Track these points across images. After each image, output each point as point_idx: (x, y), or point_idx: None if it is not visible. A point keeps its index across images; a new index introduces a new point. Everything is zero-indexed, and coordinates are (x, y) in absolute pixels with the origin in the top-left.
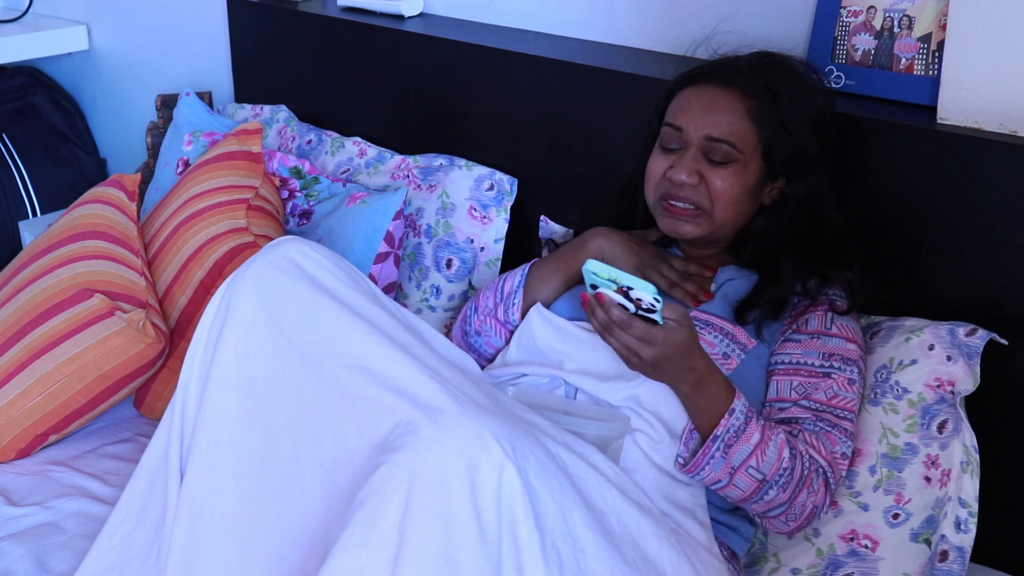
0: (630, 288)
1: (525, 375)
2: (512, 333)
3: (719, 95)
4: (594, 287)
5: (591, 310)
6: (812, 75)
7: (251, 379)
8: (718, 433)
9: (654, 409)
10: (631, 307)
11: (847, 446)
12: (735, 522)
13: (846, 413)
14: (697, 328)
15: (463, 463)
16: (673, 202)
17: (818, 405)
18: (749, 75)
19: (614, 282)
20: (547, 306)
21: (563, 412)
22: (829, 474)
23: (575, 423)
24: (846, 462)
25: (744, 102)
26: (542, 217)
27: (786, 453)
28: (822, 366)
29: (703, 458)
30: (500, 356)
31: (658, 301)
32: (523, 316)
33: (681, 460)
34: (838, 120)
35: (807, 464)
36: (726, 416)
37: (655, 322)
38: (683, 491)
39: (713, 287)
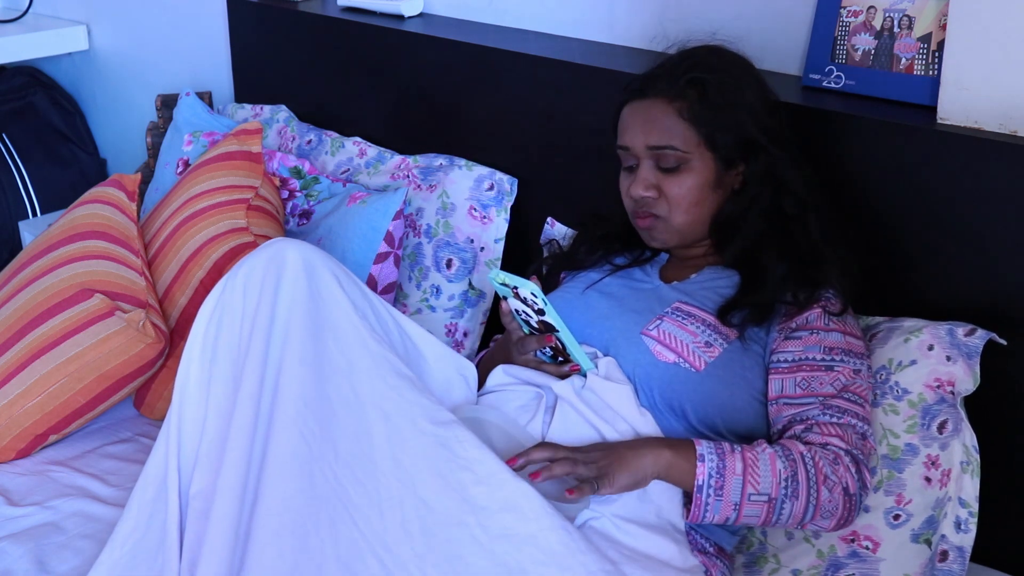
0: (516, 288)
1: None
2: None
3: (650, 106)
4: (505, 298)
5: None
6: (742, 65)
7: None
8: (700, 483)
9: (632, 423)
10: (533, 316)
11: (864, 428)
12: None
13: (856, 398)
14: (679, 319)
15: None
16: (640, 218)
17: (824, 398)
18: (668, 78)
19: (506, 286)
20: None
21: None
22: (856, 452)
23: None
24: (870, 442)
25: (671, 104)
26: (548, 219)
27: (779, 465)
28: (823, 360)
29: (699, 509)
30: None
31: (536, 296)
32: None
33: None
34: (835, 119)
35: (812, 461)
36: (699, 464)
37: (552, 327)
38: (647, 508)
39: (697, 279)
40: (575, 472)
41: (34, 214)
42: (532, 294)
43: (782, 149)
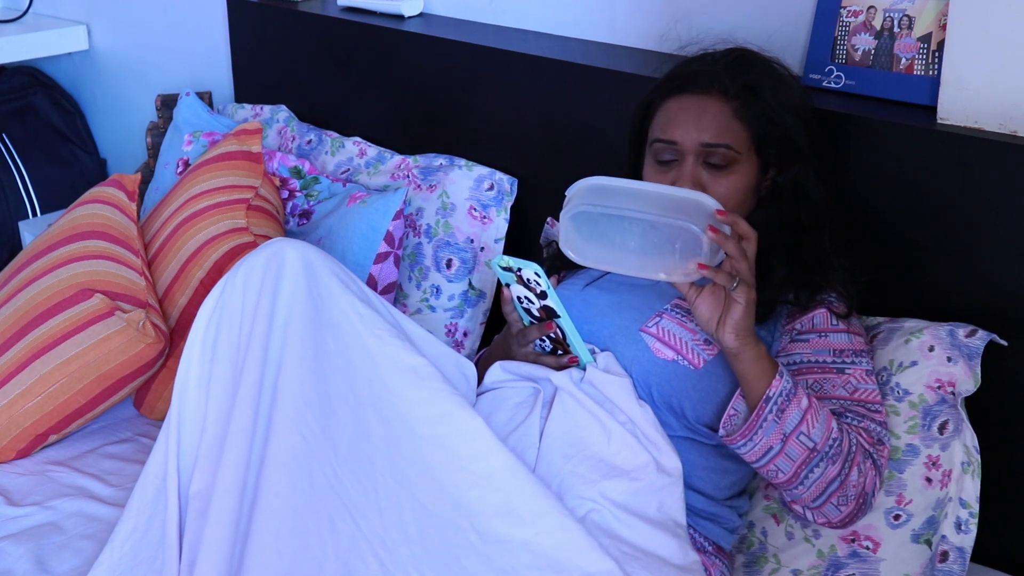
0: (520, 269)
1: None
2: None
3: (704, 102)
4: (507, 285)
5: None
6: (784, 70)
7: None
8: (771, 394)
9: (631, 415)
10: (535, 301)
11: (884, 435)
12: (716, 509)
13: (873, 405)
14: (679, 316)
15: None
16: None
17: (841, 401)
18: (727, 76)
19: (509, 270)
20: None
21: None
22: (876, 456)
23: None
24: (885, 449)
25: (729, 103)
26: (548, 219)
27: (834, 424)
28: (835, 362)
29: (757, 420)
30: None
31: (539, 277)
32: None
33: (724, 431)
34: (835, 119)
35: (854, 441)
36: (777, 378)
37: (554, 312)
38: (649, 501)
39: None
40: (740, 264)
41: (34, 214)
42: (536, 274)
43: (819, 158)
